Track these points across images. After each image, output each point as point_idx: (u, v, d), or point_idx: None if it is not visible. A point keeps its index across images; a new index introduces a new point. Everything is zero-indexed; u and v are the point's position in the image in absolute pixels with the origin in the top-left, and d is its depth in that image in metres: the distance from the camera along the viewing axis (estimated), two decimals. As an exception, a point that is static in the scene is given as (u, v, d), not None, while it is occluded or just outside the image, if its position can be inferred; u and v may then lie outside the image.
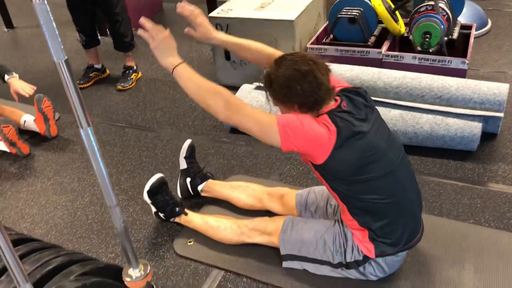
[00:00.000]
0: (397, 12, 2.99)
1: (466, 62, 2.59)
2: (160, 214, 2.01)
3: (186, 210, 1.99)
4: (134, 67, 3.45)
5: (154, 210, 2.02)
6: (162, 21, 4.64)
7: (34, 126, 2.79)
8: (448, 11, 2.79)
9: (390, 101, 2.43)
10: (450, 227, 1.90)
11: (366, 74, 2.51)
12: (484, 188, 2.11)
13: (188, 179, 2.14)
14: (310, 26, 3.21)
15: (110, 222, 2.12)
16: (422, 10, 2.77)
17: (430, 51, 2.73)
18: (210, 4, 3.96)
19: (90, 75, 3.48)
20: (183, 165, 2.14)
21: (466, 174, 2.21)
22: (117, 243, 2.01)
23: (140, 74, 3.52)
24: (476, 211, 1.98)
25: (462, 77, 2.54)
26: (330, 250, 1.63)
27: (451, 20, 2.83)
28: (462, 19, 3.15)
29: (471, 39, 2.84)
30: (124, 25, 3.24)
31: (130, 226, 2.08)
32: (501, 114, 2.31)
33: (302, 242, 1.68)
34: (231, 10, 3.08)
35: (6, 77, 2.68)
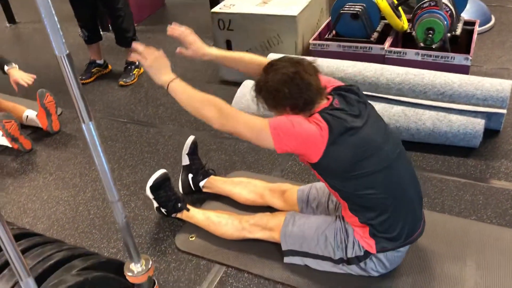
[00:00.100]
0: (400, 8, 2.97)
1: (469, 58, 2.58)
2: (162, 210, 2.02)
3: (188, 205, 1.99)
4: (136, 63, 3.44)
5: (156, 205, 2.03)
6: (164, 16, 4.64)
7: (36, 121, 2.80)
8: (451, 7, 2.78)
9: (392, 97, 2.42)
10: (452, 224, 1.89)
11: (368, 70, 2.50)
12: (486, 184, 2.11)
13: (190, 175, 2.14)
14: (312, 22, 3.20)
15: (112, 217, 2.13)
16: (425, 6, 2.76)
17: (433, 47, 2.72)
18: (212, -1, 3.97)
19: (92, 71, 3.48)
20: (186, 161, 2.14)
21: (469, 170, 2.21)
22: (119, 238, 2.01)
23: (142, 69, 3.51)
24: (478, 208, 1.98)
25: (465, 73, 2.53)
26: (331, 245, 1.63)
27: (454, 16, 2.82)
28: (466, 15, 3.14)
29: (474, 36, 2.83)
30: (126, 20, 3.23)
31: (132, 221, 2.09)
32: (504, 111, 2.30)
33: (304, 237, 1.68)
34: (234, 5, 3.07)
35: (6, 67, 2.67)
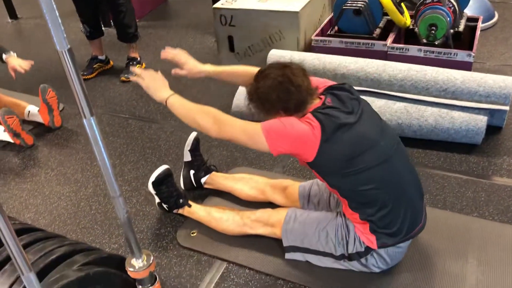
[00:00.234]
0: (402, 4, 2.96)
1: (472, 55, 2.57)
2: (163, 205, 2.02)
3: (189, 201, 1.99)
4: (138, 59, 3.44)
5: (157, 201, 2.03)
6: (166, 12, 4.62)
7: (38, 117, 2.80)
8: (454, 3, 2.76)
9: (395, 93, 2.42)
10: (453, 220, 1.89)
11: (371, 67, 2.50)
12: (488, 181, 2.10)
13: (191, 172, 2.15)
14: (315, 18, 3.19)
15: (114, 213, 2.13)
16: (428, 2, 2.75)
17: (436, 44, 2.71)
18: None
19: (94, 66, 3.47)
20: (187, 157, 2.14)
21: (471, 167, 2.20)
22: (120, 234, 2.02)
23: (144, 65, 3.51)
24: (480, 205, 1.97)
25: (467, 70, 2.52)
26: (333, 242, 1.64)
27: (457, 12, 2.80)
28: (469, 11, 3.12)
29: (477, 32, 2.81)
30: (128, 16, 3.23)
31: (134, 217, 2.09)
32: (506, 108, 2.30)
33: (305, 233, 1.68)
34: (235, 1, 3.06)
35: (4, 56, 2.66)
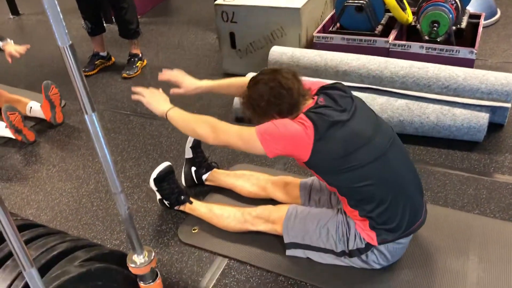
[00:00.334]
0: (404, 0, 2.95)
1: (474, 52, 2.56)
2: (165, 202, 2.02)
3: (190, 198, 2.00)
4: (140, 55, 3.44)
5: (159, 197, 2.03)
6: (168, 8, 4.62)
7: (40, 113, 2.80)
8: (456, 0, 2.75)
9: (396, 90, 2.41)
10: (455, 218, 1.89)
11: (372, 63, 2.49)
12: (490, 179, 2.10)
13: (193, 168, 2.15)
14: (316, 14, 3.18)
15: (115, 209, 2.14)
16: (430, -2, 2.74)
17: (438, 41, 2.70)
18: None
19: (96, 63, 3.48)
20: (189, 154, 2.14)
21: (472, 164, 2.20)
22: (121, 230, 2.02)
23: (145, 62, 3.51)
24: (481, 202, 1.97)
25: (469, 67, 2.51)
26: (333, 238, 1.64)
27: (460, 9, 2.79)
28: (471, 8, 3.11)
29: (480, 29, 2.80)
30: (129, 12, 3.23)
31: (135, 213, 2.10)
32: (508, 105, 2.29)
33: (306, 230, 1.69)
34: (237, -3, 3.05)
35: (1, 43, 2.66)
